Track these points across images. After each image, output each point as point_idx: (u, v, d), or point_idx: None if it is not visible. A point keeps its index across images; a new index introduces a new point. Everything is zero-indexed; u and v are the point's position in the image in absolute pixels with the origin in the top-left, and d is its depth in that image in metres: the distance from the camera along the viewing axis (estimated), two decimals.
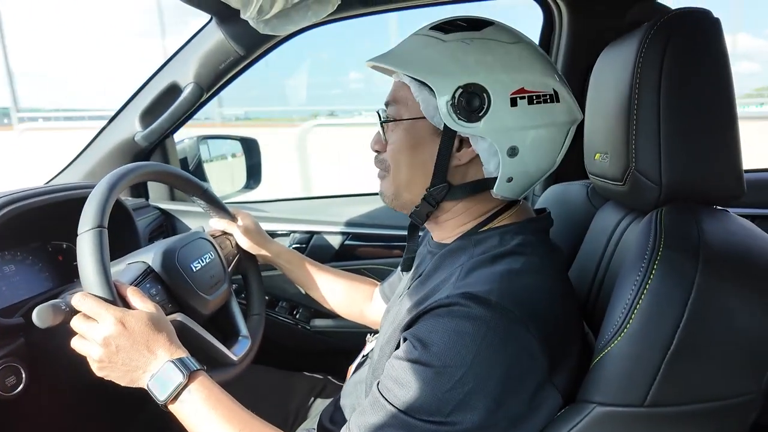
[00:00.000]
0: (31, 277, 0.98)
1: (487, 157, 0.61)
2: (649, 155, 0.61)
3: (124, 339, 0.64)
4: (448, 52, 0.60)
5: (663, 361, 0.48)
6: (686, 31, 0.60)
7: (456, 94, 0.58)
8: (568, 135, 0.64)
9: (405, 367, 0.54)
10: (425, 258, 0.73)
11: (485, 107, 0.58)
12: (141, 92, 1.26)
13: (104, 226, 0.69)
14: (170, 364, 0.64)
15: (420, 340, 0.54)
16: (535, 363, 0.52)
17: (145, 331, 0.65)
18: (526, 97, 0.59)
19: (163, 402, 0.63)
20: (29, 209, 0.89)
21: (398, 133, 0.65)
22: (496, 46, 0.60)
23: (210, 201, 1.00)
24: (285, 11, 0.87)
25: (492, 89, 0.58)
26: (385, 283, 0.97)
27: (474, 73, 0.58)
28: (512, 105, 0.58)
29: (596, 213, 0.84)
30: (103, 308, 0.65)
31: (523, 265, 0.57)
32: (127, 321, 0.65)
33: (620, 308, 0.51)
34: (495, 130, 0.59)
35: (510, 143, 0.59)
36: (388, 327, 0.66)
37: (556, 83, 0.61)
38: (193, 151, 1.52)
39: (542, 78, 0.60)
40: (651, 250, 0.52)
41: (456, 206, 0.66)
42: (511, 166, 0.61)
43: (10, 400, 0.77)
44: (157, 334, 0.66)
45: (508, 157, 0.60)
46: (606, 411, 0.51)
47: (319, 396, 1.06)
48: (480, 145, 0.61)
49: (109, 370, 0.65)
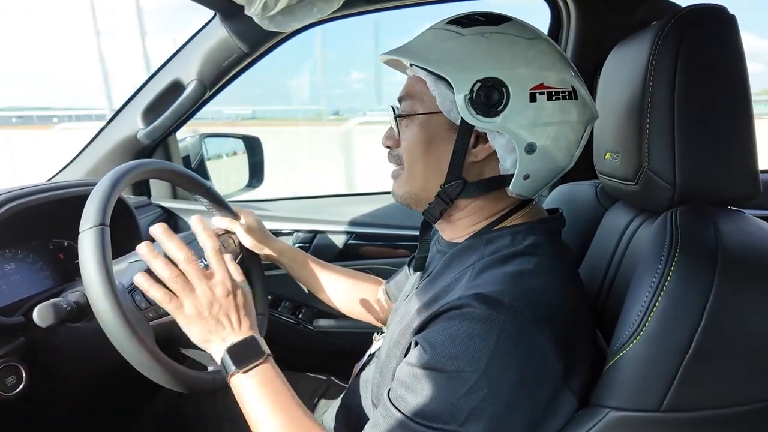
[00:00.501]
0: (31, 275, 0.97)
1: (504, 153, 0.60)
2: (662, 154, 0.59)
3: (229, 301, 0.66)
4: (467, 46, 0.58)
5: (680, 365, 0.47)
6: (702, 28, 0.59)
7: (474, 88, 0.57)
8: (585, 133, 0.62)
9: (417, 373, 0.53)
10: (434, 257, 0.72)
11: (504, 102, 0.56)
12: (143, 89, 1.25)
13: (106, 224, 0.68)
14: (255, 339, 0.66)
15: (432, 344, 0.53)
16: (550, 366, 0.51)
17: (245, 301, 0.69)
18: (545, 93, 0.57)
19: (236, 371, 0.64)
20: (30, 207, 0.88)
21: (413, 128, 0.64)
22: (515, 41, 0.59)
23: (213, 199, 0.98)
24: (289, 8, 0.86)
25: (511, 84, 0.56)
26: (392, 282, 0.96)
27: (493, 67, 0.57)
28: (531, 100, 0.57)
29: (605, 213, 0.83)
30: (224, 264, 0.67)
31: (535, 266, 0.56)
32: (237, 288, 0.68)
33: (636, 311, 0.50)
34: (513, 126, 0.58)
35: (528, 139, 0.58)
36: (396, 327, 0.65)
37: (575, 81, 0.60)
38: (195, 149, 1.51)
39: (561, 74, 0.59)
40: (667, 251, 0.50)
41: (470, 204, 0.65)
42: (528, 163, 0.59)
43: (10, 400, 0.76)
44: (249, 309, 0.69)
45: (525, 153, 0.59)
46: (620, 416, 0.50)
47: (323, 397, 1.05)
48: (497, 140, 0.59)
49: (197, 320, 0.65)
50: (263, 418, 0.62)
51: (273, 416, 0.62)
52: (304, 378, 1.11)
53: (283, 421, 0.62)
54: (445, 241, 0.70)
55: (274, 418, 0.62)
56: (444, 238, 0.70)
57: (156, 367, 0.67)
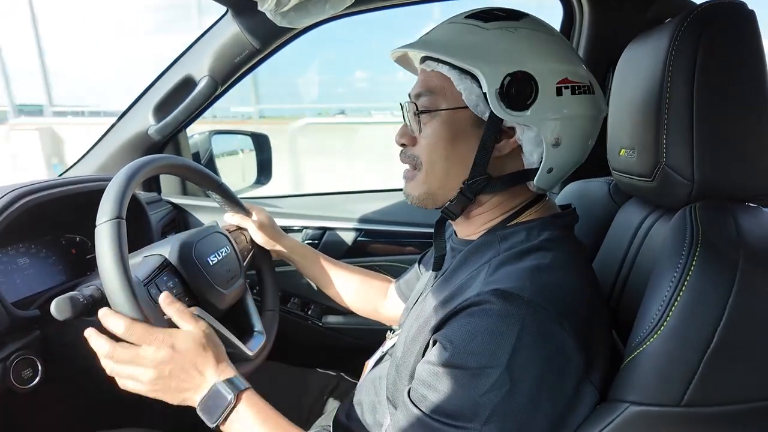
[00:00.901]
0: (44, 270, 0.98)
1: (531, 147, 0.60)
2: (681, 150, 0.59)
3: (174, 362, 0.63)
4: (493, 40, 0.59)
5: (702, 360, 0.47)
6: (721, 23, 0.58)
7: (504, 82, 0.57)
8: (598, 126, 0.65)
9: (438, 371, 0.53)
10: (448, 255, 0.72)
11: (533, 95, 0.57)
12: (155, 85, 1.25)
13: (123, 217, 0.68)
14: (219, 386, 0.63)
15: (452, 342, 0.53)
16: (571, 361, 0.51)
17: (194, 352, 0.64)
18: (570, 87, 0.59)
19: (213, 424, 0.62)
20: (43, 202, 0.88)
21: (434, 124, 0.63)
22: (538, 37, 0.60)
23: (225, 196, 0.99)
24: (302, 4, 0.86)
25: (540, 78, 0.57)
26: (401, 281, 0.96)
27: (521, 61, 0.57)
28: (558, 94, 0.58)
29: (619, 210, 0.82)
30: (152, 334, 0.63)
31: (552, 261, 0.56)
32: (177, 343, 0.63)
33: (656, 306, 0.50)
34: (542, 120, 0.58)
35: (555, 133, 0.59)
36: (412, 324, 0.65)
37: (590, 75, 0.62)
38: (205, 146, 1.52)
39: (581, 69, 0.61)
40: (688, 246, 0.50)
41: (491, 199, 0.65)
42: (554, 157, 0.60)
43: (26, 393, 0.77)
44: (205, 355, 0.65)
45: (552, 147, 0.60)
46: (640, 410, 0.49)
47: (333, 393, 1.05)
48: (526, 134, 0.60)
49: (160, 393, 0.64)
50: None
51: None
52: (313, 374, 1.11)
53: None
54: (458, 239, 0.70)
55: None
56: (458, 235, 0.70)
57: None
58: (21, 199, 0.84)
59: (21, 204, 0.84)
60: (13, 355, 0.76)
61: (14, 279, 0.91)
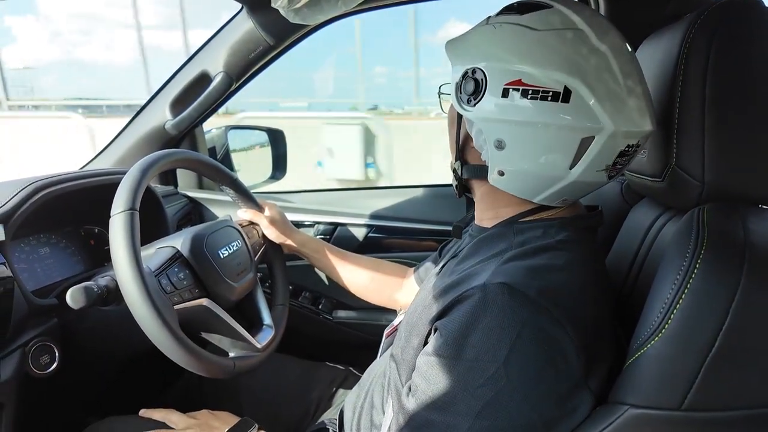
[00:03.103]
0: (64, 260, 1.01)
1: (479, 144, 0.62)
2: (691, 151, 0.58)
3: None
4: (478, 36, 0.61)
5: (703, 364, 0.46)
6: (734, 21, 0.57)
7: (463, 77, 0.59)
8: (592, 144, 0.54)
9: (435, 362, 0.53)
10: (464, 240, 0.73)
11: (481, 93, 0.57)
12: (172, 81, 1.27)
13: (136, 209, 0.70)
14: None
15: (452, 331, 0.53)
16: (570, 365, 0.51)
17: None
18: (520, 90, 0.54)
19: None
20: (63, 194, 0.91)
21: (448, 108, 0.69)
22: (522, 33, 0.56)
23: (238, 191, 1.01)
24: (315, 0, 0.86)
25: (490, 76, 0.57)
26: (421, 268, 0.97)
27: (481, 58, 0.58)
28: (503, 95, 0.56)
29: (630, 210, 0.81)
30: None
31: (565, 262, 0.56)
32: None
33: (658, 308, 0.49)
34: (483, 119, 0.58)
35: (496, 135, 0.58)
36: (416, 307, 0.66)
37: (578, 83, 0.53)
38: (221, 141, 1.54)
39: (555, 73, 0.53)
40: (693, 248, 0.49)
41: (480, 189, 0.68)
42: (498, 159, 0.59)
43: (44, 378, 0.80)
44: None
45: (495, 148, 0.59)
46: (639, 413, 0.49)
47: (341, 387, 1.06)
48: (474, 130, 0.61)
49: None
50: None
51: None
52: (323, 367, 1.12)
53: None
54: (475, 225, 0.71)
55: None
56: (475, 221, 0.71)
57: (179, 350, 0.69)
58: (41, 191, 0.87)
59: (41, 196, 0.87)
60: (32, 342, 0.79)
61: (35, 268, 0.94)
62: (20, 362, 0.77)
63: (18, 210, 0.82)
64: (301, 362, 1.13)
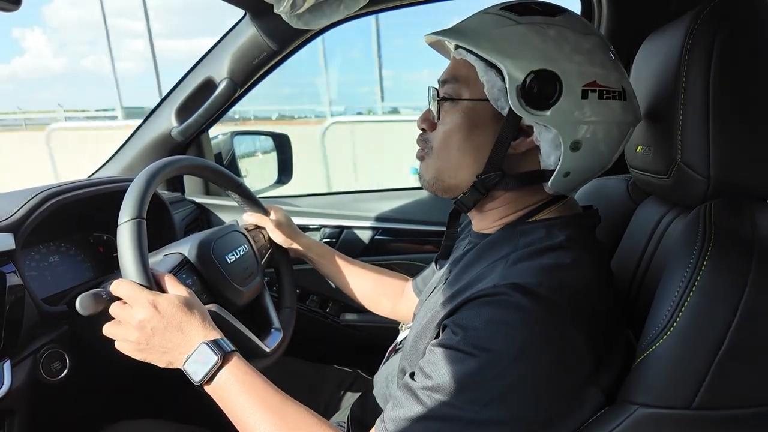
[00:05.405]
0: (73, 267, 1.02)
1: (548, 148, 0.58)
2: (696, 147, 0.58)
3: (157, 321, 0.65)
4: (523, 35, 0.57)
5: (713, 361, 0.46)
6: (737, 17, 0.56)
7: (527, 79, 0.55)
8: (628, 135, 0.62)
9: (445, 354, 0.53)
10: (464, 248, 0.72)
11: (556, 96, 0.55)
12: (177, 88, 1.29)
13: (143, 217, 0.70)
14: (204, 346, 0.64)
15: (462, 327, 0.53)
16: (580, 362, 0.51)
17: (177, 313, 0.66)
18: (597, 91, 0.56)
19: (198, 383, 0.64)
20: (72, 202, 0.92)
21: (455, 113, 0.62)
22: (572, 35, 0.57)
23: (244, 195, 1.01)
24: (317, 5, 0.87)
25: (565, 78, 0.55)
26: (419, 278, 0.96)
27: (548, 59, 0.55)
28: (583, 97, 0.56)
29: (637, 208, 0.81)
30: (137, 292, 0.66)
31: (572, 261, 0.55)
32: (160, 303, 0.66)
33: (666, 306, 0.49)
34: (562, 121, 0.56)
35: (574, 136, 0.57)
36: (423, 316, 0.65)
37: (624, 81, 0.59)
38: (227, 147, 1.55)
39: (613, 73, 0.58)
40: (700, 245, 0.49)
41: (505, 195, 0.64)
42: (571, 161, 0.58)
43: (55, 385, 0.80)
44: (189, 316, 0.66)
45: (570, 150, 0.57)
46: (649, 413, 0.49)
47: (349, 390, 1.06)
48: (544, 135, 0.58)
49: (146, 353, 0.67)
50: (243, 417, 0.62)
51: (260, 409, 0.62)
52: (331, 370, 1.13)
53: (271, 410, 0.62)
54: (475, 232, 0.70)
55: (252, 415, 0.62)
56: (474, 229, 0.70)
57: None
58: (51, 199, 0.88)
59: (50, 204, 0.88)
60: (43, 348, 0.80)
61: (45, 275, 0.95)
62: (32, 369, 0.78)
63: (28, 219, 0.83)
64: (309, 365, 1.14)
